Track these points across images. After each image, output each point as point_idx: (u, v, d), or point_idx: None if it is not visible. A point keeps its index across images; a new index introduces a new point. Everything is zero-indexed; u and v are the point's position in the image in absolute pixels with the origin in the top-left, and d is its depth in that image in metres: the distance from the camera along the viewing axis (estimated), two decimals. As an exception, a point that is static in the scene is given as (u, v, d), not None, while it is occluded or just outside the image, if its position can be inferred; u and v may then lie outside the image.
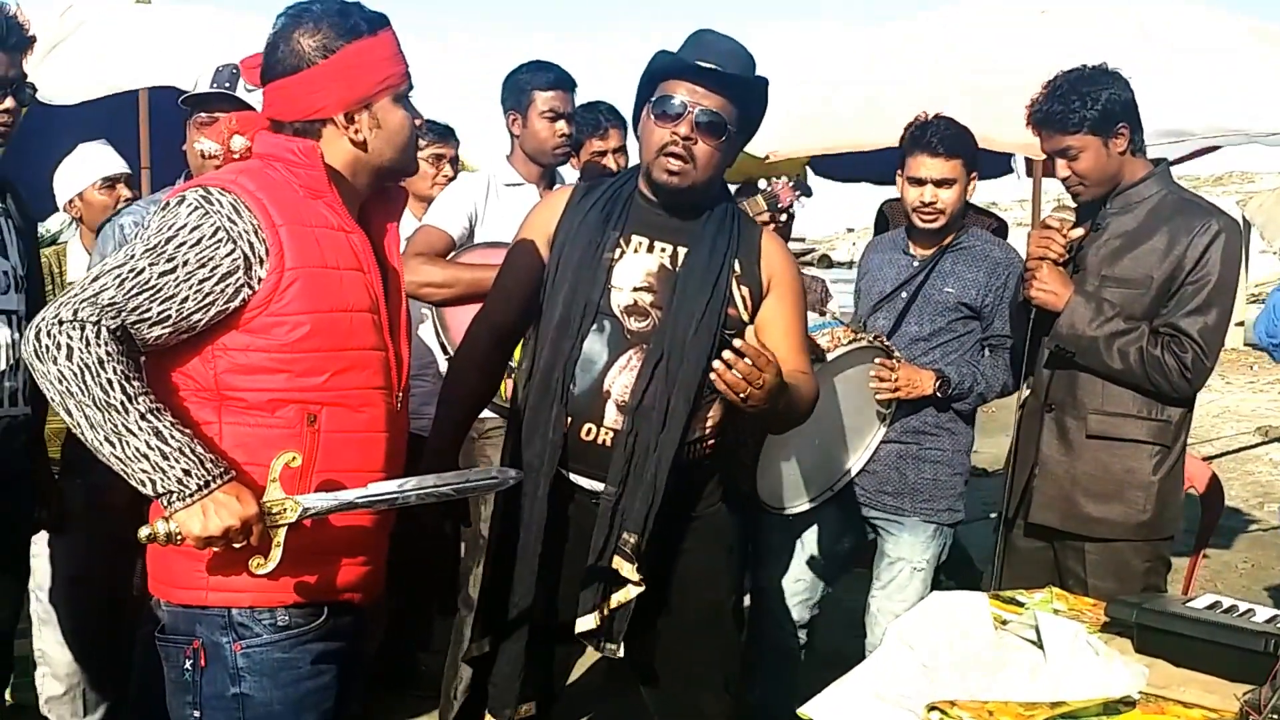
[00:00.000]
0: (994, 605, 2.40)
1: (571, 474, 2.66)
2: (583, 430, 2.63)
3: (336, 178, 2.15)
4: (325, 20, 2.10)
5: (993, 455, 8.56)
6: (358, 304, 2.11)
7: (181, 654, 2.12)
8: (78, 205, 4.13)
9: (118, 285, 1.95)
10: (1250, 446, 9.29)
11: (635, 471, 2.58)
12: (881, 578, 3.69)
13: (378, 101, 2.15)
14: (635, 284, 2.66)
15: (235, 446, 2.05)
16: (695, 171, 2.63)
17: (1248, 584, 5.88)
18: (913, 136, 3.57)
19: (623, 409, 2.60)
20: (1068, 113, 3.04)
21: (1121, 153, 3.08)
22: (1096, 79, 3.08)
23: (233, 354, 2.04)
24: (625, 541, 2.55)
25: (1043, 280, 3.11)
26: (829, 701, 2.14)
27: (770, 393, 2.43)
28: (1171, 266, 3.02)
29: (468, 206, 3.64)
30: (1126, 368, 3.02)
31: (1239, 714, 1.87)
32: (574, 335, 2.62)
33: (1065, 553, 3.18)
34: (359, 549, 2.20)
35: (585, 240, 2.67)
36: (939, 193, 3.53)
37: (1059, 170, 3.14)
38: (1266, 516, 7.28)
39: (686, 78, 2.61)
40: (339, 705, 2.21)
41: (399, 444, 2.25)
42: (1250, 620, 2.22)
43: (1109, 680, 2.00)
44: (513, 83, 3.79)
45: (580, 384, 2.62)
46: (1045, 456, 3.17)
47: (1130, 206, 3.11)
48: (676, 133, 2.60)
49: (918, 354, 3.59)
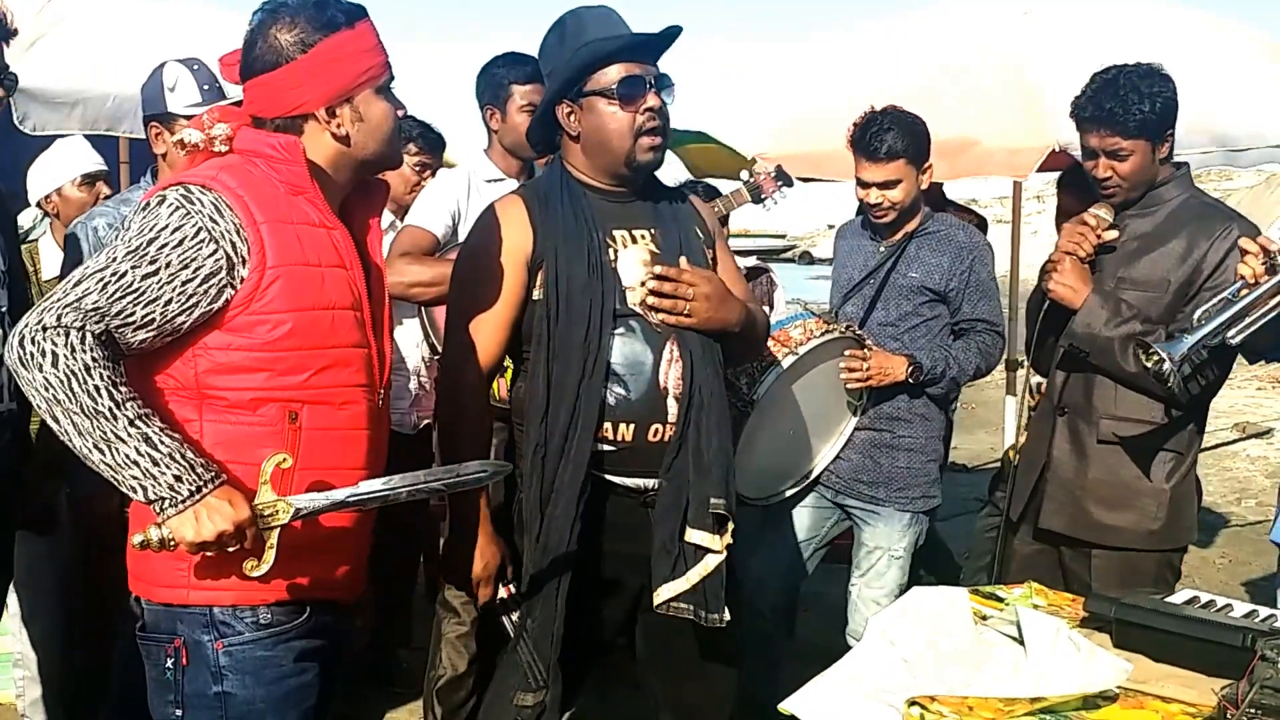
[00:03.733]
0: (974, 601, 2.41)
1: (626, 479, 2.63)
2: (650, 433, 2.60)
3: (318, 173, 2.13)
4: (302, 14, 2.09)
5: (973, 451, 8.60)
6: (340, 301, 2.10)
7: (163, 652, 2.11)
8: (55, 201, 4.09)
9: (101, 289, 1.93)
10: (1228, 443, 9.33)
11: (696, 450, 2.58)
12: (861, 565, 3.72)
13: (359, 94, 2.14)
14: (641, 277, 2.63)
15: (217, 445, 2.04)
16: (666, 140, 2.68)
17: (1225, 579, 5.91)
18: (855, 139, 3.59)
19: (680, 400, 2.59)
20: (1127, 114, 2.92)
21: (1163, 160, 3.01)
22: (1155, 79, 2.96)
23: (214, 353, 2.03)
24: (715, 506, 2.56)
25: (1063, 275, 3.03)
26: (811, 697, 2.14)
27: (711, 302, 2.58)
28: (1190, 270, 2.96)
29: (450, 204, 3.60)
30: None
31: (1217, 708, 1.88)
32: (598, 348, 2.56)
33: (1071, 557, 3.14)
34: (340, 548, 2.19)
35: (579, 249, 2.60)
36: (885, 194, 3.57)
37: (1099, 170, 3.02)
38: (1244, 512, 7.32)
39: (625, 57, 2.60)
40: (321, 702, 2.21)
41: (381, 441, 2.24)
42: (1228, 615, 2.23)
43: (1089, 675, 2.00)
44: (489, 77, 3.75)
45: (635, 389, 2.59)
46: (1056, 460, 3.12)
47: (1150, 209, 3.05)
48: (649, 108, 2.60)
49: (887, 339, 3.62)
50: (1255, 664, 1.87)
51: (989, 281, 3.67)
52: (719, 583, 2.60)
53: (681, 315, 2.59)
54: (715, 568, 2.59)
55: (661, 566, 2.59)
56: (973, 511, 6.09)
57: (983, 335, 3.62)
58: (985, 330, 3.63)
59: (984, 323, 3.63)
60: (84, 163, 4.11)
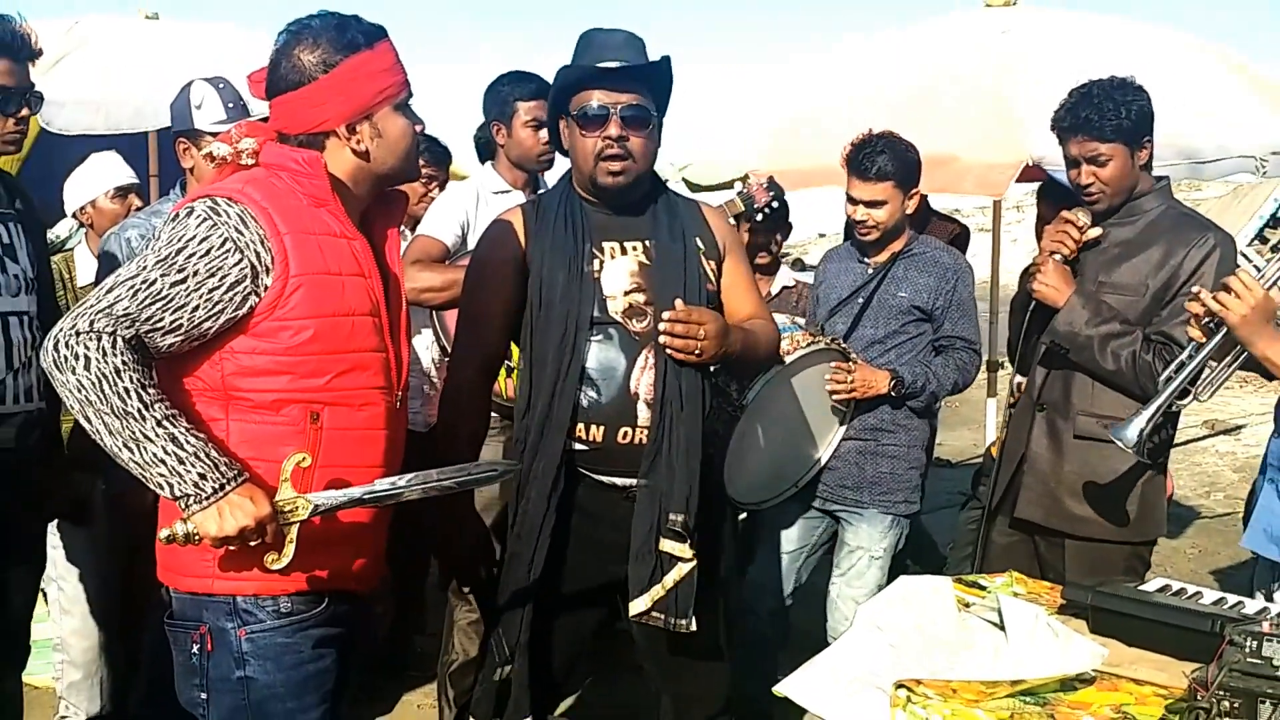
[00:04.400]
0: (958, 589, 2.41)
1: (603, 476, 2.66)
2: (619, 435, 2.62)
3: (339, 186, 2.14)
4: (324, 36, 2.10)
5: (956, 448, 8.60)
6: (359, 308, 2.11)
7: (189, 639, 2.12)
8: (89, 212, 4.12)
9: (131, 296, 1.94)
10: (1198, 439, 9.34)
11: (667, 459, 2.58)
12: (841, 565, 3.71)
13: (378, 111, 2.15)
14: (625, 287, 2.65)
15: (242, 443, 2.05)
16: (636, 165, 2.65)
17: (1195, 568, 5.91)
18: (849, 157, 3.61)
19: (651, 406, 2.60)
20: (1103, 120, 2.97)
21: (1143, 166, 3.04)
22: (1128, 89, 3.02)
23: (239, 357, 2.04)
24: (674, 522, 2.56)
25: (1047, 275, 3.06)
26: (801, 680, 2.15)
27: (718, 339, 2.58)
28: (1167, 276, 2.98)
29: (460, 215, 3.62)
30: (1117, 369, 2.97)
31: (1188, 690, 1.89)
32: (571, 351, 2.60)
33: (1046, 547, 3.16)
34: (358, 541, 2.20)
35: (564, 259, 2.65)
36: (871, 212, 3.58)
37: (1082, 176, 3.05)
38: (1213, 504, 7.32)
39: (598, 84, 2.62)
40: (339, 686, 2.21)
41: (398, 440, 2.26)
42: (1198, 602, 2.25)
43: (1067, 659, 2.01)
44: (495, 94, 3.76)
45: (606, 393, 2.61)
46: (1033, 454, 3.13)
47: (1132, 218, 3.07)
48: (608, 136, 2.60)
49: (874, 355, 3.63)
50: (1224, 648, 1.88)
51: (969, 301, 3.69)
52: (690, 590, 2.61)
53: (691, 355, 2.58)
54: (687, 574, 2.60)
55: (638, 574, 2.60)
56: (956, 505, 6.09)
57: (961, 353, 3.64)
58: (963, 348, 3.64)
59: (963, 340, 3.64)
60: (117, 176, 4.14)
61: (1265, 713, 1.76)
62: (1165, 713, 1.88)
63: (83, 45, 5.82)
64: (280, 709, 2.12)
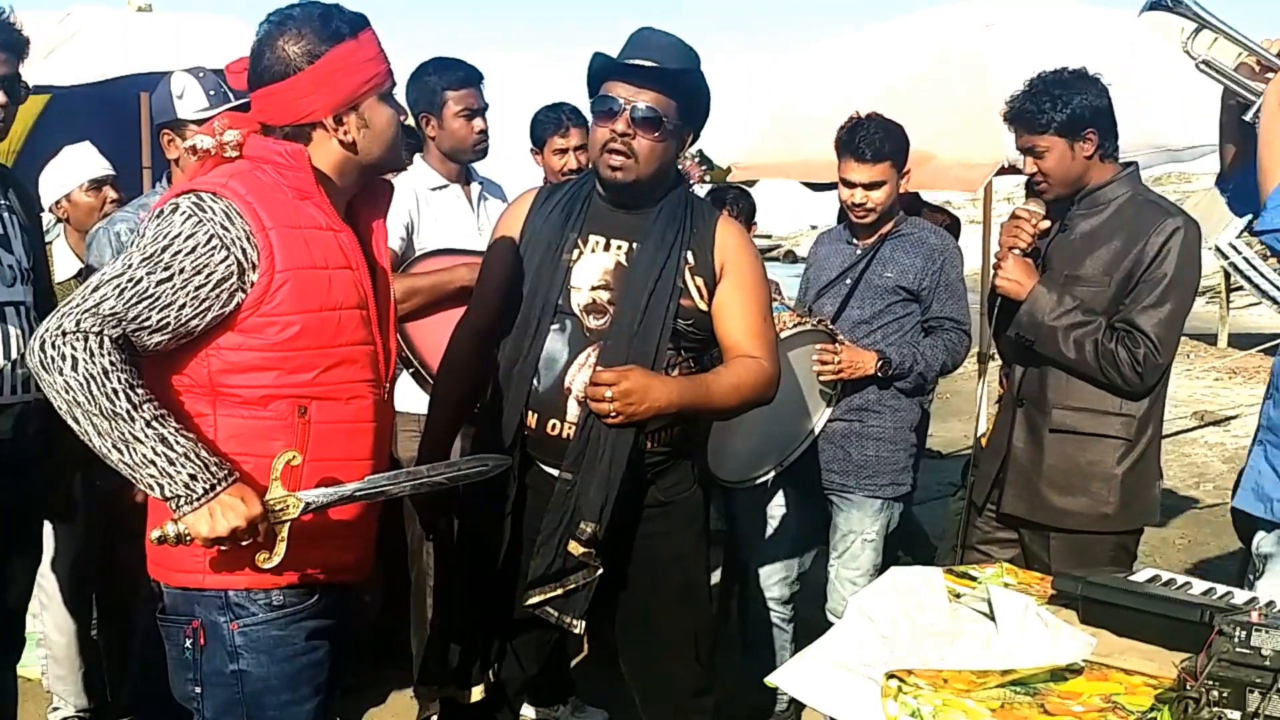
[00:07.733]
0: (948, 579, 2.41)
1: (542, 465, 2.66)
2: (548, 426, 2.62)
3: (324, 178, 2.12)
4: (307, 26, 2.07)
5: (947, 439, 8.62)
6: (346, 301, 2.10)
7: (182, 633, 2.11)
8: (65, 206, 4.06)
9: (118, 295, 1.92)
10: (1187, 430, 9.37)
11: (589, 463, 2.54)
12: (837, 548, 3.74)
13: (364, 102, 2.12)
14: (593, 283, 2.64)
15: (230, 439, 2.04)
16: (637, 166, 2.61)
17: (1185, 558, 5.93)
18: (843, 141, 3.60)
19: (581, 404, 2.57)
20: (1037, 113, 3.00)
21: (1088, 156, 3.04)
22: (1071, 83, 3.03)
23: (226, 353, 2.02)
24: (582, 531, 2.53)
25: (1007, 270, 3.09)
26: (794, 671, 2.15)
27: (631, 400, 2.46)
28: (1130, 264, 2.99)
29: (403, 217, 3.50)
30: (1081, 358, 2.98)
31: (1177, 680, 1.89)
32: (533, 335, 2.61)
33: (1030, 539, 3.16)
34: (349, 534, 2.19)
35: (545, 242, 2.66)
36: (869, 194, 3.58)
37: (1026, 166, 3.11)
38: (1202, 495, 7.35)
39: (621, 77, 2.61)
40: (331, 678, 2.21)
41: (386, 433, 2.25)
42: (1187, 593, 2.24)
43: (1057, 649, 2.01)
44: (421, 84, 3.62)
45: (544, 382, 2.61)
46: (1015, 449, 3.14)
47: (1096, 208, 3.08)
48: (615, 130, 2.59)
49: (860, 336, 3.63)
50: (1213, 638, 1.88)
51: (958, 282, 3.69)
52: (587, 594, 2.59)
53: (608, 416, 2.48)
54: (591, 581, 2.59)
55: (538, 565, 2.58)
56: (947, 496, 6.11)
57: (950, 333, 3.64)
58: (952, 328, 3.65)
59: (951, 321, 3.65)
60: (91, 169, 4.06)
61: (1254, 702, 1.76)
62: (1155, 702, 1.88)
63: (74, 37, 5.79)
64: (274, 701, 2.12)
